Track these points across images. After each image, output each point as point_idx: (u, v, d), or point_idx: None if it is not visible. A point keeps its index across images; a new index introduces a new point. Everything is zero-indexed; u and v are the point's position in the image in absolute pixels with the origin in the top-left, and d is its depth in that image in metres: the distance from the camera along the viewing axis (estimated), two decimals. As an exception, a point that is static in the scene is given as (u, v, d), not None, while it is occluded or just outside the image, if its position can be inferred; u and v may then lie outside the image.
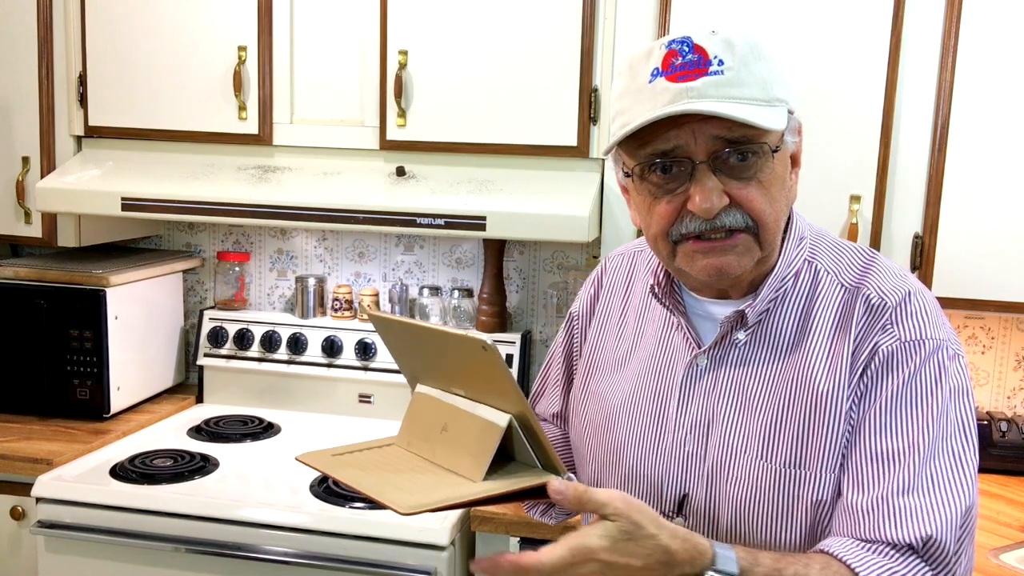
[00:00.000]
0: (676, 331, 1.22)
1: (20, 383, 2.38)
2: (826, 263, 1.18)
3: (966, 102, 1.94)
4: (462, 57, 2.15)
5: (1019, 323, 2.31)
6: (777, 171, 1.10)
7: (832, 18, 1.95)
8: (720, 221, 1.07)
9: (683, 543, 0.98)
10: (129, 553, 1.95)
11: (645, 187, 1.11)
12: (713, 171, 1.07)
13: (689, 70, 1.04)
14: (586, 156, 2.12)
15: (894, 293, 1.13)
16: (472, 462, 1.04)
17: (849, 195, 1.98)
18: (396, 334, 1.19)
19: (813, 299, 1.16)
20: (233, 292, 2.65)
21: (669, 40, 1.07)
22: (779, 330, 1.16)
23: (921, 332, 1.11)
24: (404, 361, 1.20)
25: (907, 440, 1.08)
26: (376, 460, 1.13)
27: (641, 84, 1.07)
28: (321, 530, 1.87)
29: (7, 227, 2.42)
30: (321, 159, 2.27)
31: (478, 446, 1.05)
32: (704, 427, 1.16)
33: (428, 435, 1.12)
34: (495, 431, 1.04)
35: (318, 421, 2.49)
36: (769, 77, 1.07)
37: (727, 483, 1.14)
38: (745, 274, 1.13)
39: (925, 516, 1.05)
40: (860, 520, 1.07)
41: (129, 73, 2.33)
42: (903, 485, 1.06)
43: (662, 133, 1.06)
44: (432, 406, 1.14)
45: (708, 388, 1.17)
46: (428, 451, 1.12)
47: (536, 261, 2.55)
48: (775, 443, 1.12)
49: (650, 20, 2.05)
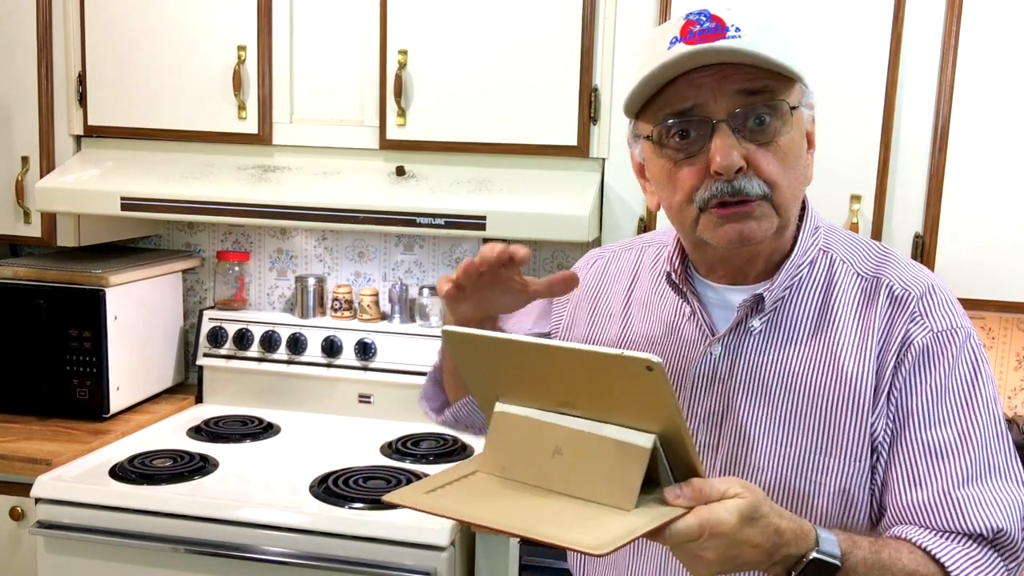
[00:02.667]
0: (687, 321, 1.21)
1: (20, 383, 2.37)
2: (841, 253, 1.19)
3: (966, 102, 1.94)
4: (462, 57, 2.15)
5: (1019, 323, 2.31)
6: (795, 139, 1.10)
7: (832, 18, 1.95)
8: (738, 184, 1.07)
9: (790, 523, 0.98)
10: (128, 553, 1.95)
11: (664, 153, 1.11)
12: (732, 130, 1.07)
13: (708, 35, 1.05)
14: (586, 156, 2.12)
15: (916, 284, 1.14)
16: (613, 489, 0.95)
17: (850, 195, 1.98)
18: (477, 350, 1.07)
19: (831, 287, 1.16)
20: (233, 292, 2.65)
21: (687, 13, 1.08)
22: (796, 318, 1.16)
23: (952, 321, 1.13)
24: (481, 379, 1.09)
25: (958, 429, 1.09)
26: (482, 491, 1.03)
27: (660, 51, 1.07)
28: (320, 530, 1.86)
29: (6, 227, 2.42)
30: (321, 159, 2.27)
31: (618, 471, 0.96)
32: (718, 418, 1.16)
33: (532, 459, 1.02)
34: (639, 454, 0.95)
35: (318, 421, 2.49)
36: (784, 48, 1.08)
37: (743, 475, 1.14)
38: (764, 245, 1.13)
39: (991, 507, 1.07)
40: (924, 515, 1.08)
41: (129, 73, 2.33)
42: (964, 476, 1.08)
43: (681, 91, 1.07)
44: (528, 427, 1.03)
45: (722, 377, 1.17)
46: (537, 477, 1.01)
47: (536, 261, 2.54)
48: (796, 431, 1.12)
49: (650, 20, 2.05)
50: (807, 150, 1.14)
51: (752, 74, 1.06)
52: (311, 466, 2.13)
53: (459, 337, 1.06)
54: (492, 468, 1.05)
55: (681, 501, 0.94)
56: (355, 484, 2.01)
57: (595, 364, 0.95)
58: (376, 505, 1.92)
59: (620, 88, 2.08)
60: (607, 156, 2.12)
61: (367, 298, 2.54)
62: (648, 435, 0.95)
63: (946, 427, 1.09)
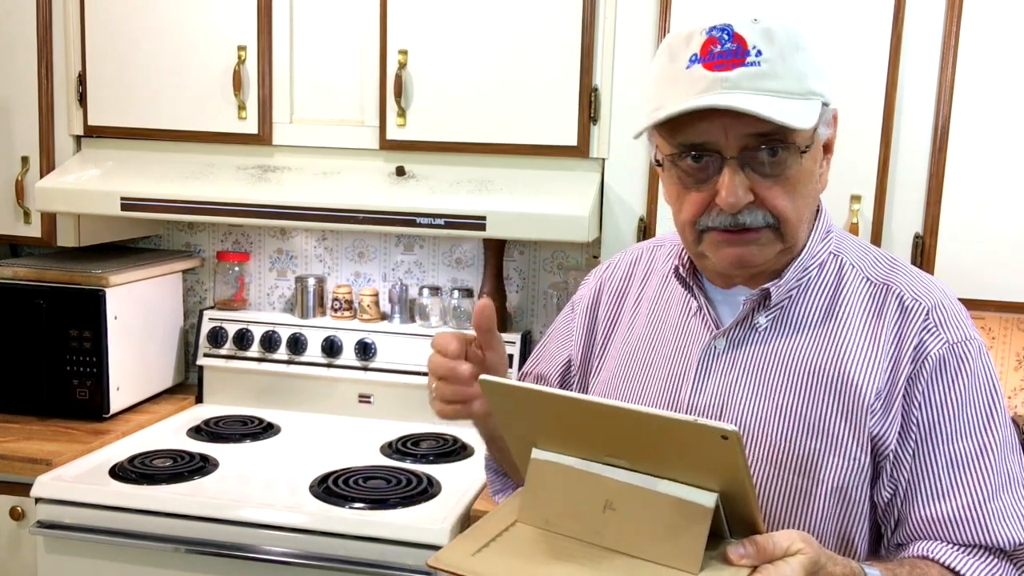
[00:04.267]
0: (694, 317, 1.22)
1: (19, 383, 2.37)
2: (851, 257, 1.20)
3: (966, 102, 1.94)
4: (462, 57, 2.14)
5: (1019, 323, 2.31)
6: (805, 167, 1.10)
7: (833, 18, 1.95)
8: (742, 219, 1.09)
9: (843, 569, 1.00)
10: (129, 553, 1.95)
11: (676, 173, 1.12)
12: (741, 166, 1.07)
13: (726, 59, 1.04)
14: (586, 156, 2.12)
15: (928, 295, 1.15)
16: (675, 550, 0.92)
17: (850, 195, 1.98)
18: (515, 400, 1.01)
19: (839, 289, 1.17)
20: (233, 292, 2.65)
21: (710, 26, 1.07)
22: (801, 317, 1.16)
23: (966, 333, 1.13)
24: (517, 426, 1.04)
25: (980, 441, 1.11)
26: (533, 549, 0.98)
27: (678, 69, 1.07)
28: (321, 530, 1.86)
29: (6, 227, 2.42)
30: (321, 159, 2.27)
31: (679, 530, 0.93)
32: (717, 412, 1.16)
33: (580, 513, 0.98)
34: (703, 513, 0.92)
35: (318, 421, 2.49)
36: (806, 69, 1.07)
37: None
38: (767, 264, 1.14)
39: (1014, 520, 1.10)
40: (948, 528, 1.10)
41: (129, 73, 2.33)
42: (987, 489, 1.09)
43: (695, 124, 1.07)
44: (572, 478, 0.98)
45: (724, 371, 1.17)
46: (588, 533, 0.97)
47: (536, 261, 2.54)
48: (796, 426, 1.13)
49: (650, 20, 2.05)
50: (823, 158, 1.15)
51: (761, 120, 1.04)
52: (311, 466, 2.13)
53: (496, 387, 1.01)
54: (534, 520, 1.01)
55: (746, 561, 0.94)
56: (355, 484, 2.01)
57: (659, 426, 0.92)
58: (376, 505, 1.92)
59: (620, 88, 2.09)
60: (607, 156, 2.12)
61: (367, 298, 2.54)
62: (710, 494, 0.93)
63: (968, 439, 1.11)
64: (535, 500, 1.01)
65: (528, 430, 1.03)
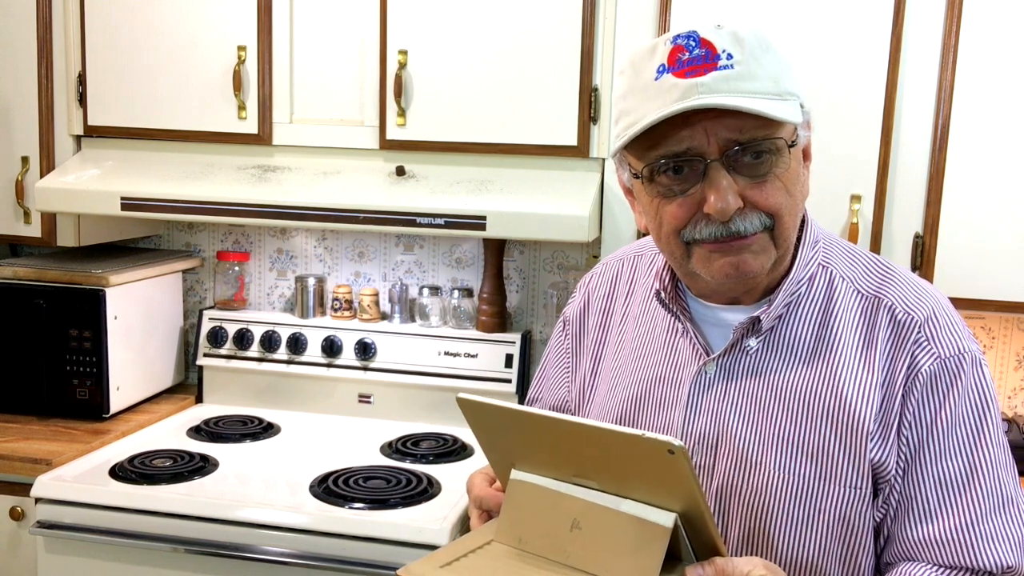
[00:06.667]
0: (681, 338, 1.18)
1: (19, 383, 2.37)
2: (841, 269, 1.15)
3: (966, 102, 1.94)
4: (462, 57, 2.14)
5: (1019, 323, 2.31)
6: (793, 166, 1.06)
7: (833, 18, 1.95)
8: (734, 226, 1.03)
9: None
10: (128, 553, 1.95)
11: (653, 188, 1.06)
12: (727, 169, 1.02)
13: (697, 65, 0.99)
14: (586, 156, 2.12)
15: (920, 307, 1.10)
16: (634, 568, 0.93)
17: (850, 195, 1.98)
18: (491, 419, 1.04)
19: (830, 306, 1.12)
20: (233, 292, 2.65)
21: (674, 35, 1.02)
22: (794, 338, 1.12)
23: (959, 345, 1.09)
24: (496, 445, 1.07)
25: (970, 461, 1.07)
26: (499, 565, 1.00)
27: (646, 81, 1.02)
28: (320, 530, 1.86)
29: (6, 227, 2.42)
30: (321, 159, 2.27)
31: (638, 549, 0.94)
32: (712, 441, 1.13)
33: (549, 532, 1.00)
34: (661, 533, 0.93)
35: (318, 421, 2.49)
36: (779, 70, 1.03)
37: (739, 499, 1.11)
38: (761, 276, 1.09)
39: (1003, 543, 1.06)
40: (937, 550, 1.07)
41: (129, 73, 2.33)
42: (976, 510, 1.06)
43: (673, 133, 1.01)
44: (544, 497, 1.01)
45: (717, 399, 1.13)
46: (555, 551, 0.99)
47: (536, 261, 2.54)
48: (795, 455, 1.09)
49: (650, 20, 2.05)
50: (804, 164, 1.10)
51: (745, 121, 1.00)
52: (311, 466, 2.13)
53: (473, 405, 1.04)
54: (509, 539, 1.03)
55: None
56: (355, 484, 2.01)
57: (613, 442, 0.93)
58: (376, 505, 1.92)
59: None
60: (607, 156, 2.12)
61: (367, 298, 2.54)
62: (669, 514, 0.93)
63: (958, 459, 1.07)
64: (511, 519, 1.03)
65: (506, 450, 1.05)
